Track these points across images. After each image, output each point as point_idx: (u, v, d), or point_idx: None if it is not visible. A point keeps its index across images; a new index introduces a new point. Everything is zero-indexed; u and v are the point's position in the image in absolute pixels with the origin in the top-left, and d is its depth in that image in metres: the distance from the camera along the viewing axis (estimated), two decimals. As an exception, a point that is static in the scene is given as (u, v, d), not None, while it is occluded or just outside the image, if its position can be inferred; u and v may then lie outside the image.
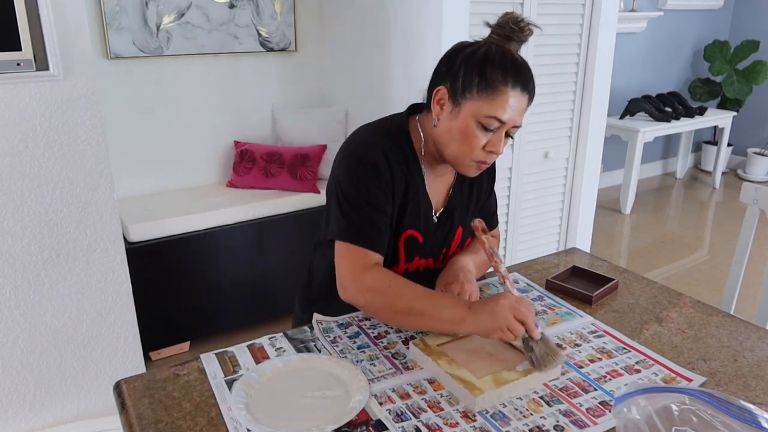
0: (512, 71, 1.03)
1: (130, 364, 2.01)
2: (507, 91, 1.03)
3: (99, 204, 1.80)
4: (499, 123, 1.05)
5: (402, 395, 0.94)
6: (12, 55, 1.56)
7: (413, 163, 1.16)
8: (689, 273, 3.35)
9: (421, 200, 1.18)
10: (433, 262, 1.25)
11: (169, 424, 0.88)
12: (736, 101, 4.86)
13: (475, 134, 1.06)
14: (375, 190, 1.10)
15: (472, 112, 1.05)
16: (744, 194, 1.61)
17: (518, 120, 1.07)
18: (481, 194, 1.30)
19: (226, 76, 2.78)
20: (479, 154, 1.08)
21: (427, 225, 1.20)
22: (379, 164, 1.10)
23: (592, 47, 2.64)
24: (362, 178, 1.09)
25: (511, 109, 1.04)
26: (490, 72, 1.03)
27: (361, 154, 1.11)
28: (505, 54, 1.05)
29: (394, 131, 1.16)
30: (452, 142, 1.09)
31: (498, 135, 1.07)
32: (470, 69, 1.05)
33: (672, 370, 1.01)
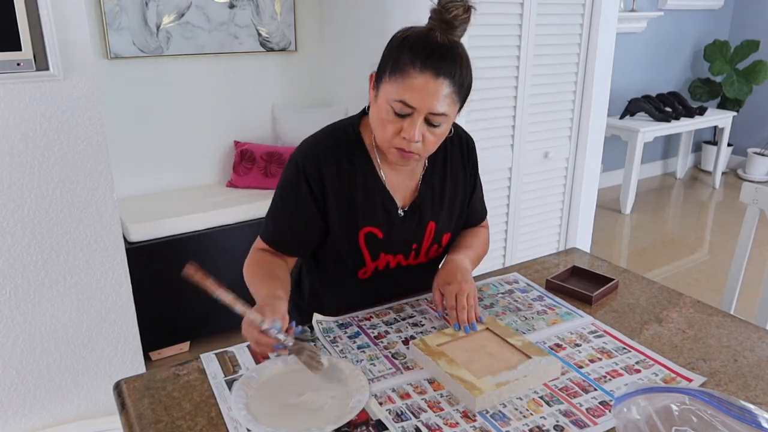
0: (423, 54, 0.99)
1: (130, 364, 2.01)
2: (414, 74, 0.99)
3: (99, 204, 1.80)
4: (408, 108, 1.01)
5: (402, 395, 0.94)
6: (12, 55, 1.56)
7: (362, 160, 1.15)
8: (689, 273, 3.35)
9: (378, 197, 1.16)
10: (404, 259, 1.22)
11: (169, 424, 0.88)
12: (736, 101, 4.86)
13: (388, 119, 1.04)
14: (294, 196, 1.14)
15: (385, 96, 1.03)
16: (744, 194, 1.61)
17: (434, 106, 1.01)
18: (458, 189, 1.25)
19: (226, 76, 2.78)
20: (396, 141, 1.05)
21: (389, 221, 1.17)
22: (309, 170, 1.12)
23: (592, 47, 2.64)
24: (288, 182, 1.15)
25: (419, 94, 0.99)
26: (402, 55, 1.01)
27: (297, 158, 1.14)
28: (424, 38, 1.01)
29: (342, 131, 1.17)
30: (375, 128, 1.09)
31: (412, 121, 1.02)
32: (389, 53, 1.04)
33: (672, 370, 1.01)
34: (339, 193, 1.14)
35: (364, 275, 1.21)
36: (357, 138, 1.17)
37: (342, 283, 1.25)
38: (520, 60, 2.45)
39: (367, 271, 1.21)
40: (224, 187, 2.77)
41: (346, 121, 1.20)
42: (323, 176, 1.12)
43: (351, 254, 1.17)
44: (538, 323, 1.16)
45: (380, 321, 1.17)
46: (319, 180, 1.12)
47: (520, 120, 2.55)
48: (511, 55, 2.43)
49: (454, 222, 1.26)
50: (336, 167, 1.13)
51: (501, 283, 1.34)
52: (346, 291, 1.25)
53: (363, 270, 1.20)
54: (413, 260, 1.24)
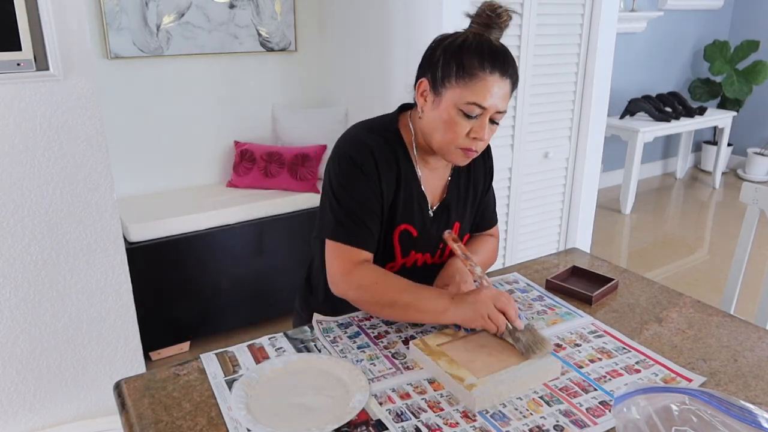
0: (489, 57, 1.04)
1: (130, 364, 2.01)
2: (485, 76, 1.04)
3: (99, 204, 1.80)
4: (480, 109, 1.06)
5: (402, 395, 0.94)
6: (12, 55, 1.56)
7: (404, 158, 1.18)
8: (689, 273, 3.35)
9: (415, 195, 1.19)
10: (430, 257, 1.25)
11: (169, 424, 0.88)
12: (736, 101, 4.86)
13: (457, 122, 1.07)
14: (363, 189, 1.13)
15: (452, 101, 1.07)
16: (744, 194, 1.61)
17: (501, 105, 1.07)
18: (478, 190, 1.30)
19: (226, 76, 2.78)
20: (464, 141, 1.09)
21: (422, 219, 1.21)
22: (366, 163, 1.13)
23: (592, 47, 2.64)
24: (350, 178, 1.13)
25: (491, 95, 1.05)
26: (467, 59, 1.05)
27: (350, 154, 1.14)
28: (482, 41, 1.06)
29: (384, 128, 1.19)
30: (436, 132, 1.11)
31: (481, 121, 1.08)
32: (448, 58, 1.07)
33: (672, 370, 1.01)
34: (389, 190, 1.16)
35: (391, 270, 1.22)
36: (399, 137, 1.19)
37: None
38: (520, 60, 2.45)
39: (394, 267, 1.22)
40: (224, 187, 2.77)
41: (384, 119, 1.22)
42: (380, 172, 1.14)
43: (383, 250, 1.19)
44: (538, 323, 1.16)
45: (380, 321, 1.17)
46: (377, 175, 1.14)
47: (520, 120, 2.55)
48: (511, 55, 2.43)
49: (471, 223, 1.32)
50: (387, 165, 1.15)
51: (501, 283, 1.34)
52: None
53: (391, 265, 1.22)
54: (438, 259, 1.27)
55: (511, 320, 1.02)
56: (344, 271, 1.12)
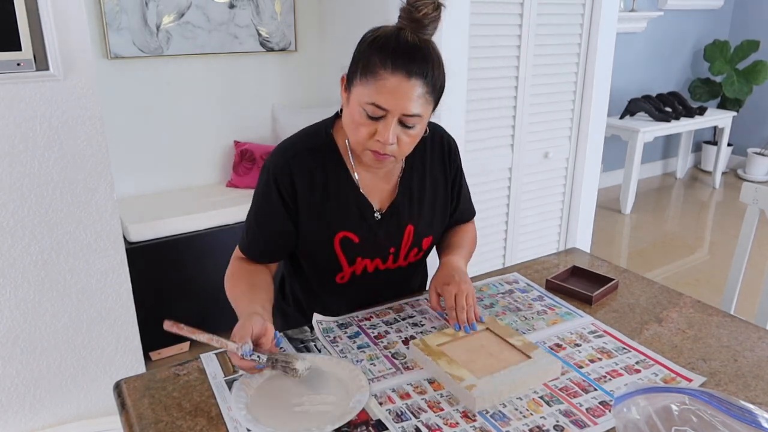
0: (393, 55, 0.97)
1: (130, 364, 2.01)
2: (386, 75, 0.97)
3: (99, 204, 1.80)
4: (381, 110, 0.99)
5: (402, 395, 0.94)
6: (12, 55, 1.56)
7: (335, 163, 1.14)
8: (689, 273, 3.35)
9: (351, 200, 1.14)
10: (382, 263, 1.20)
11: (169, 424, 0.88)
12: (736, 101, 4.86)
13: (362, 122, 1.01)
14: (264, 202, 1.14)
15: (357, 99, 1.01)
16: (744, 194, 1.61)
17: (408, 107, 0.98)
18: (436, 187, 1.23)
19: (226, 76, 2.78)
20: (371, 143, 1.03)
21: (365, 225, 1.16)
22: (280, 178, 1.11)
23: (592, 47, 2.64)
24: (259, 188, 1.15)
25: (393, 95, 0.97)
26: (372, 56, 0.98)
27: (270, 165, 1.13)
28: (393, 37, 0.99)
29: (313, 134, 1.15)
30: (348, 132, 1.07)
31: (385, 123, 1.00)
32: (358, 54, 1.02)
33: (672, 370, 1.01)
34: (311, 198, 1.12)
35: (342, 280, 1.20)
36: (330, 141, 1.14)
37: (321, 288, 1.24)
38: (520, 60, 2.45)
39: (344, 276, 1.19)
40: (224, 187, 2.77)
41: (319, 125, 1.18)
42: (294, 183, 1.11)
43: (327, 259, 1.16)
44: (538, 323, 1.16)
45: (380, 321, 1.17)
46: (291, 186, 1.11)
47: (520, 120, 2.55)
48: (511, 55, 2.43)
49: (436, 226, 1.24)
50: (307, 173, 1.11)
51: (501, 283, 1.34)
52: (325, 296, 1.24)
53: (340, 275, 1.19)
54: (392, 264, 1.21)
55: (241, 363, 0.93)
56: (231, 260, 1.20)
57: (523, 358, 1.00)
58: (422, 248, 1.23)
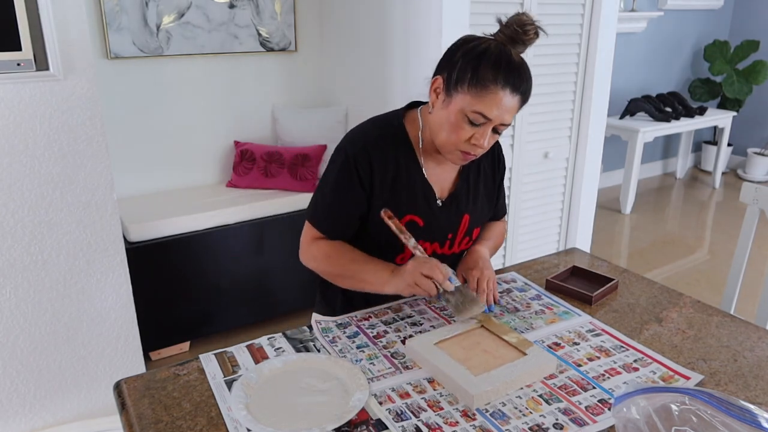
0: (504, 71, 1.06)
1: (130, 364, 2.01)
2: (496, 90, 1.06)
3: (99, 204, 1.80)
4: (485, 119, 1.09)
5: (402, 394, 0.94)
6: (12, 55, 1.56)
7: (406, 151, 1.22)
8: (689, 273, 3.35)
9: (418, 186, 1.22)
10: (439, 247, 1.28)
11: (169, 424, 0.88)
12: (736, 101, 4.86)
13: (461, 126, 1.10)
14: (344, 185, 1.19)
15: (461, 105, 1.09)
16: (744, 194, 1.61)
17: (506, 118, 1.10)
18: (488, 185, 1.34)
19: (226, 76, 2.78)
20: (464, 146, 1.13)
21: (429, 210, 1.24)
22: (358, 159, 1.18)
23: (592, 47, 2.64)
24: (338, 172, 1.20)
25: (498, 108, 1.07)
26: (483, 69, 1.07)
27: (346, 146, 1.20)
28: (502, 53, 1.08)
29: (387, 122, 1.24)
30: (441, 131, 1.14)
31: (483, 130, 1.10)
32: (466, 63, 1.09)
33: (670, 368, 1.01)
34: (385, 181, 1.20)
35: (402, 261, 1.24)
36: (402, 130, 1.22)
37: None
38: (520, 60, 2.45)
39: (405, 257, 1.25)
40: (224, 187, 2.77)
41: (390, 114, 1.26)
42: (372, 166, 1.18)
43: (392, 240, 1.21)
44: (537, 322, 1.16)
45: (379, 321, 1.17)
46: (368, 169, 1.18)
47: (520, 120, 2.55)
48: (511, 55, 2.43)
49: (484, 217, 1.35)
50: (383, 157, 1.19)
51: (499, 282, 1.34)
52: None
53: (401, 256, 1.25)
54: (447, 250, 1.29)
55: (439, 283, 1.08)
56: (306, 244, 1.25)
57: (518, 354, 1.01)
58: (472, 237, 1.33)
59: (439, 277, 1.08)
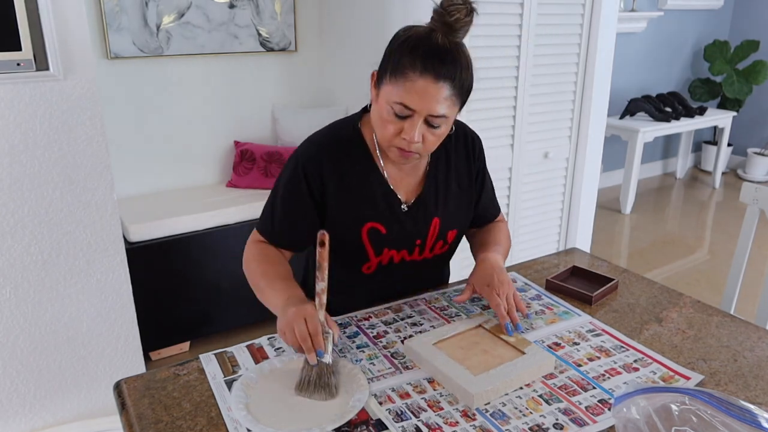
0: (422, 57, 0.99)
1: (130, 364, 2.01)
2: (414, 77, 1.00)
3: (99, 204, 1.80)
4: (408, 110, 1.02)
5: (402, 395, 0.94)
6: (12, 55, 1.56)
7: (362, 156, 1.17)
8: (689, 273, 3.35)
9: (379, 192, 1.17)
10: (408, 254, 1.22)
11: (169, 424, 0.88)
12: (736, 101, 4.86)
13: (389, 119, 1.05)
14: (292, 190, 1.16)
15: (385, 97, 1.04)
16: (744, 194, 1.61)
17: (434, 108, 1.01)
18: (461, 181, 1.25)
19: (226, 76, 2.78)
20: (397, 141, 1.06)
21: (392, 216, 1.18)
22: (308, 168, 1.14)
23: (592, 47, 2.64)
24: (287, 179, 1.17)
25: (420, 97, 1.00)
26: (402, 57, 1.01)
27: (299, 155, 1.17)
28: (423, 39, 1.01)
29: (342, 128, 1.19)
30: (376, 128, 1.11)
31: (412, 122, 1.03)
32: (388, 53, 1.05)
33: (670, 368, 1.01)
34: (339, 190, 1.15)
35: (368, 270, 1.22)
36: (358, 135, 1.18)
37: (347, 279, 1.25)
38: (520, 60, 2.45)
39: (371, 266, 1.21)
40: (224, 187, 2.77)
41: (347, 119, 1.22)
42: (323, 174, 1.14)
43: (355, 249, 1.18)
44: (537, 322, 1.16)
45: (379, 321, 1.17)
46: (319, 178, 1.14)
47: (520, 120, 2.55)
48: (511, 55, 2.43)
49: (461, 219, 1.27)
50: (336, 165, 1.15)
51: (501, 282, 1.34)
52: (351, 288, 1.26)
53: (367, 265, 1.21)
54: (418, 256, 1.24)
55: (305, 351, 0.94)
56: (247, 244, 1.22)
57: (517, 354, 1.01)
58: (447, 241, 1.25)
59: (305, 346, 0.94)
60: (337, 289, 1.27)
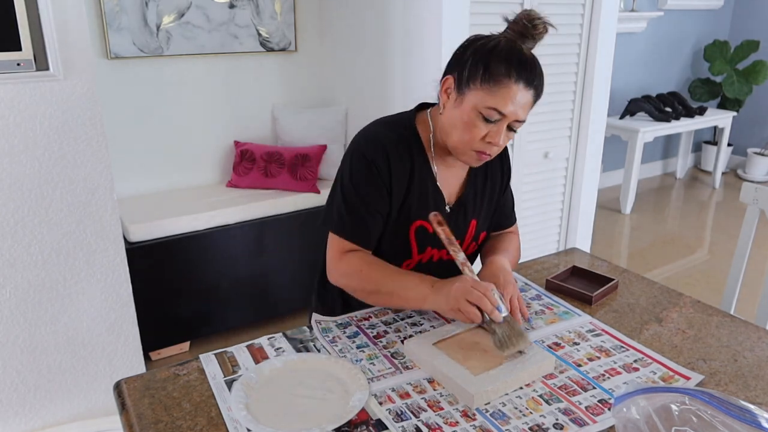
0: (516, 65, 1.05)
1: (130, 364, 2.01)
2: (510, 84, 1.05)
3: (99, 204, 1.80)
4: (499, 115, 1.07)
5: (402, 395, 0.94)
6: (12, 55, 1.56)
7: (419, 154, 1.19)
8: (689, 273, 3.35)
9: (430, 191, 1.21)
10: (446, 253, 1.23)
11: (169, 424, 0.88)
12: (736, 101, 4.86)
13: (475, 124, 1.09)
14: (370, 188, 1.15)
15: (474, 103, 1.08)
16: (744, 194, 1.61)
17: (521, 114, 1.09)
18: (495, 189, 1.31)
19: (226, 76, 2.78)
20: (479, 145, 1.11)
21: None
22: (378, 160, 1.15)
23: (592, 47, 2.64)
24: (360, 175, 1.16)
25: (512, 103, 1.06)
26: (495, 64, 1.05)
27: (364, 150, 1.16)
28: (513, 48, 1.07)
29: (400, 124, 1.21)
30: (454, 131, 1.13)
31: (498, 127, 1.09)
32: (476, 60, 1.08)
33: (670, 368, 1.01)
34: (401, 186, 1.18)
35: (408, 267, 1.23)
36: (415, 133, 1.20)
37: None
38: (520, 60, 2.45)
39: (411, 263, 1.23)
40: (224, 187, 2.77)
41: (401, 116, 1.24)
42: (391, 169, 1.16)
43: (400, 246, 1.20)
44: (537, 322, 1.16)
45: (379, 321, 1.17)
46: (388, 172, 1.16)
47: (520, 120, 2.55)
48: (511, 55, 2.43)
49: (488, 221, 1.33)
50: (400, 161, 1.17)
51: (501, 282, 1.34)
52: None
53: (407, 262, 1.23)
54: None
55: (487, 313, 1.01)
56: (335, 260, 1.18)
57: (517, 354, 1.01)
58: (478, 242, 1.31)
59: (488, 307, 1.00)
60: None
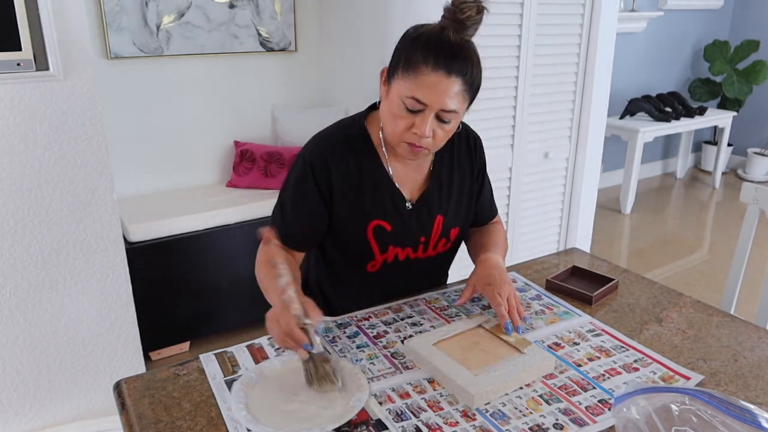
0: (435, 52, 1.01)
1: (130, 364, 2.01)
2: (427, 72, 1.01)
3: (99, 204, 1.80)
4: (420, 104, 1.04)
5: (402, 395, 0.94)
6: (12, 55, 1.56)
7: (368, 154, 1.18)
8: (689, 273, 3.35)
9: (385, 190, 1.19)
10: (412, 252, 1.24)
11: (169, 424, 0.88)
12: (736, 101, 4.86)
13: (400, 114, 1.06)
14: (301, 189, 1.16)
15: (397, 92, 1.06)
16: (744, 194, 1.61)
17: (446, 104, 1.03)
18: (464, 181, 1.27)
19: (226, 76, 2.78)
20: (408, 136, 1.08)
21: (397, 214, 1.20)
22: (315, 164, 1.15)
23: (592, 47, 2.64)
24: (295, 175, 1.18)
25: (432, 91, 1.02)
26: (415, 52, 1.03)
27: (305, 152, 1.18)
28: (436, 36, 1.03)
29: (347, 126, 1.21)
30: (386, 123, 1.12)
31: (423, 117, 1.05)
32: (400, 49, 1.07)
33: (670, 368, 1.01)
34: (346, 187, 1.17)
35: (373, 268, 1.23)
36: (363, 133, 1.19)
37: (351, 277, 1.26)
38: (520, 60, 2.45)
39: (375, 264, 1.22)
40: (224, 187, 2.77)
41: (353, 118, 1.23)
42: (330, 171, 1.15)
43: (359, 247, 1.19)
44: (537, 322, 1.16)
45: (379, 321, 1.17)
46: (326, 175, 1.15)
47: (520, 120, 2.55)
48: (511, 55, 2.43)
49: (462, 217, 1.28)
50: (343, 162, 1.16)
51: (501, 282, 1.34)
52: (354, 286, 1.26)
53: (372, 263, 1.22)
54: (422, 253, 1.25)
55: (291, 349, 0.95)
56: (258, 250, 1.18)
57: (517, 354, 1.01)
58: (450, 239, 1.27)
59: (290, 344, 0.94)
60: (340, 286, 1.28)
